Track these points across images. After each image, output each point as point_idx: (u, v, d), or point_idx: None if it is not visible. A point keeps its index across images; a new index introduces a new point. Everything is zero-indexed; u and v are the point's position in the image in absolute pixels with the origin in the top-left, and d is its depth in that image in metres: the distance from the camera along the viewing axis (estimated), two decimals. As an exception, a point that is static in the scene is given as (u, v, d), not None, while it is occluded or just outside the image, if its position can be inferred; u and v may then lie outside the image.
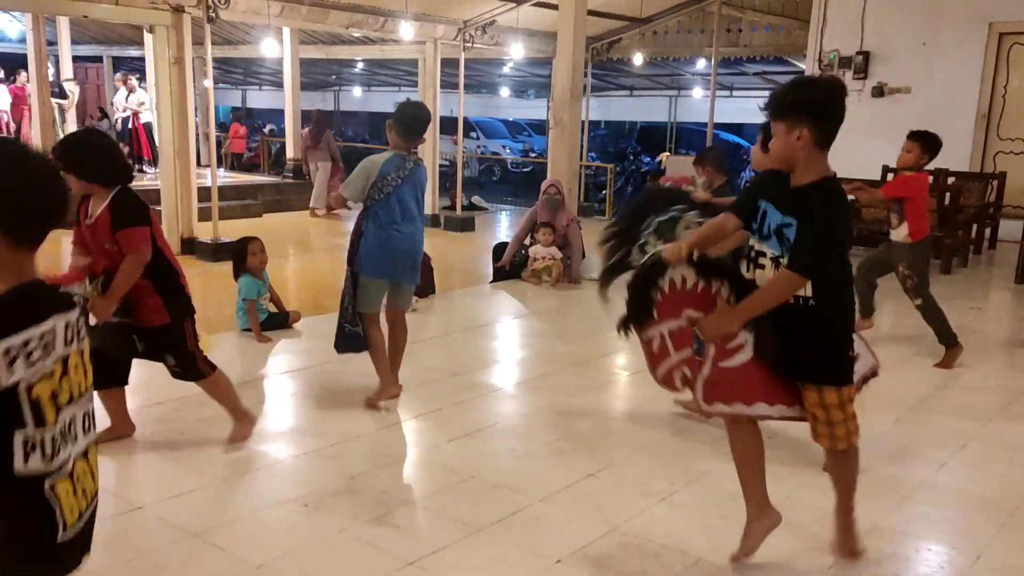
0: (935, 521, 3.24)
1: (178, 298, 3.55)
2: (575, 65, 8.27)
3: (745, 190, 2.92)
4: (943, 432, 4.14)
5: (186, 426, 3.89)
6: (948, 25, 9.56)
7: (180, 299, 3.56)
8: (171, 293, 3.52)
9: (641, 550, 2.93)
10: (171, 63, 8.88)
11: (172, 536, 2.91)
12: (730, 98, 20.63)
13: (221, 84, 25.30)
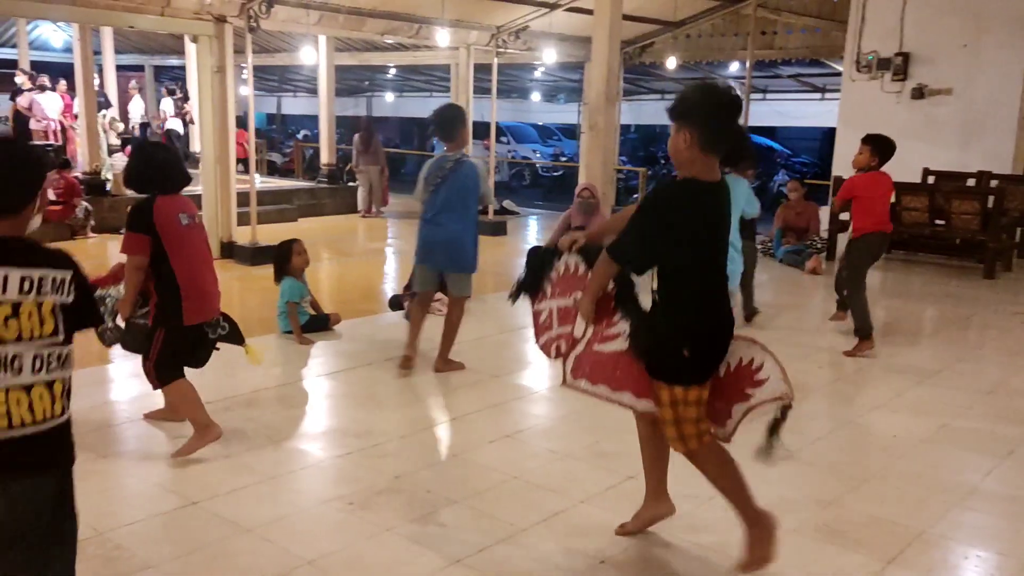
0: (983, 528, 3.21)
1: (165, 308, 3.59)
2: (610, 69, 8.28)
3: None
4: (990, 438, 4.10)
5: (236, 425, 3.97)
6: (990, 27, 9.42)
7: (166, 309, 3.59)
8: (163, 302, 3.60)
9: (686, 553, 2.94)
10: (213, 72, 9.05)
11: (227, 531, 2.98)
12: (764, 101, 20.48)
13: (257, 91, 25.62)
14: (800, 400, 4.56)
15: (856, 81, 10.29)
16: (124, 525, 3.00)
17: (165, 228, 3.55)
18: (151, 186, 3.67)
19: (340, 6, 10.33)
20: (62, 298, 1.98)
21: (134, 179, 3.76)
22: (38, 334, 1.94)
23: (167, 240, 3.54)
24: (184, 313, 3.57)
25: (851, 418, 4.32)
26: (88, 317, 2.10)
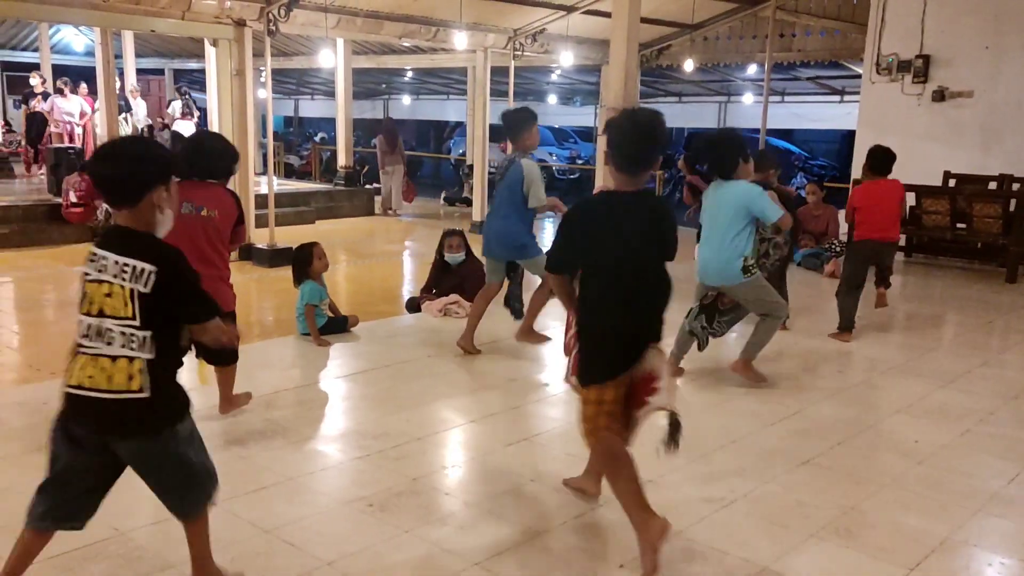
0: (1007, 534, 3.17)
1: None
2: (628, 72, 8.26)
3: None
4: (1014, 444, 4.05)
5: (254, 426, 3.99)
6: (1012, 28, 9.33)
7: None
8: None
9: (704, 557, 2.92)
10: (232, 75, 9.12)
11: (246, 532, 2.99)
12: (781, 103, 20.37)
13: (275, 95, 25.79)
14: (820, 404, 4.55)
15: (876, 83, 10.22)
16: (145, 525, 3.02)
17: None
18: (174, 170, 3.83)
19: (358, 10, 10.38)
20: (140, 287, 2.21)
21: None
22: (120, 315, 2.22)
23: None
24: None
25: (872, 423, 4.28)
26: (175, 311, 2.31)
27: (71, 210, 10.58)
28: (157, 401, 2.29)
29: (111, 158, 2.30)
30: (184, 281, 2.29)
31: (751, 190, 4.53)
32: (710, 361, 5.16)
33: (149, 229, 2.30)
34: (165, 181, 2.30)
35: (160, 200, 2.28)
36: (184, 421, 2.39)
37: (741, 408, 4.47)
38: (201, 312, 2.37)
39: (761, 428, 4.16)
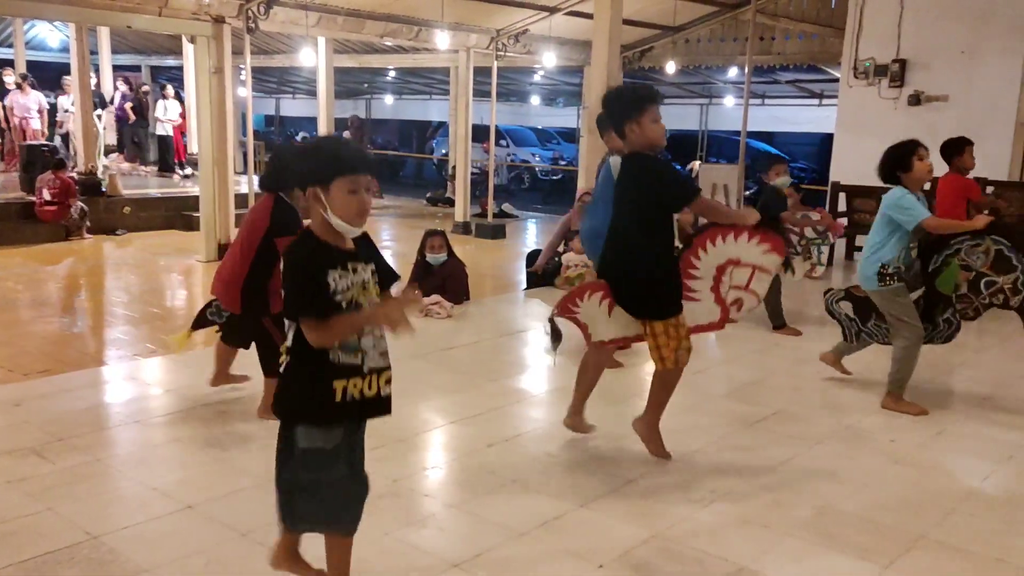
0: (981, 532, 3.20)
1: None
2: (610, 74, 8.28)
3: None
4: (987, 443, 4.10)
5: (232, 427, 3.95)
6: (988, 33, 9.44)
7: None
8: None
9: (683, 556, 2.93)
10: (211, 73, 9.04)
11: (222, 535, 2.96)
12: (762, 106, 20.50)
13: (255, 93, 25.61)
14: (797, 405, 4.57)
15: (853, 87, 10.31)
16: (118, 529, 2.99)
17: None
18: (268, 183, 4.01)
19: (339, 8, 10.34)
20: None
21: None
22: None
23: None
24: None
25: (849, 423, 4.32)
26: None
27: (44, 208, 10.45)
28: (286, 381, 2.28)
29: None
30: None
31: (891, 195, 4.32)
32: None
33: (318, 227, 2.22)
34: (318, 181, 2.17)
35: (310, 198, 2.20)
36: (303, 427, 2.26)
37: (720, 409, 4.49)
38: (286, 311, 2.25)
39: (741, 429, 4.19)
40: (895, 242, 4.29)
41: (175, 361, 5.19)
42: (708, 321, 3.64)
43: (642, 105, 3.38)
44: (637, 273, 3.53)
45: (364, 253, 2.27)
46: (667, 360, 3.54)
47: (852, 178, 9.67)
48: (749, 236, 3.52)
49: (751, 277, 3.55)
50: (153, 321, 6.98)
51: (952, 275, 4.53)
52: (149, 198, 12.35)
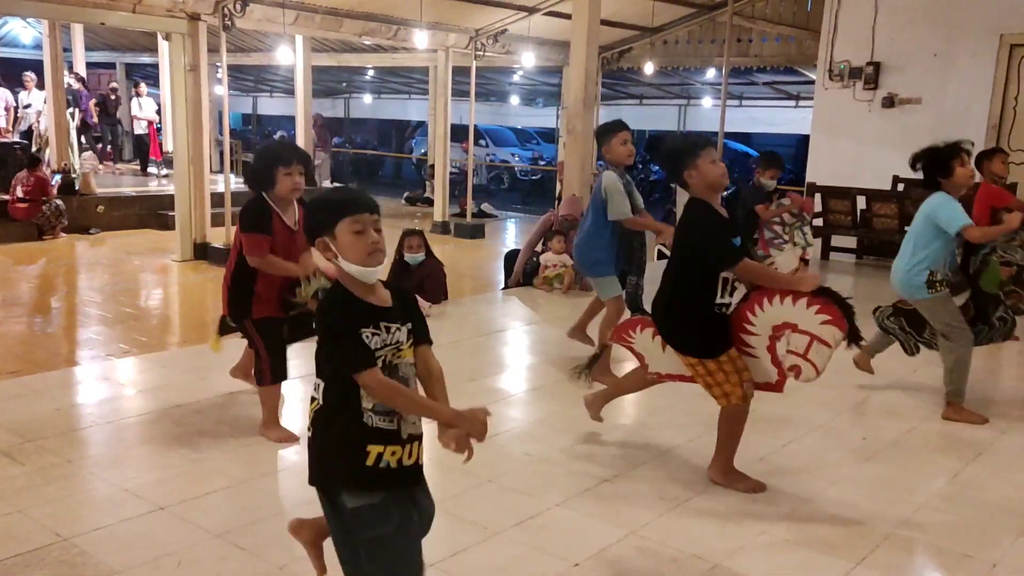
0: (951, 528, 3.24)
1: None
2: (588, 74, 8.32)
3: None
4: (957, 441, 4.15)
5: (206, 428, 3.92)
6: (959, 36, 9.57)
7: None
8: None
9: (659, 555, 2.95)
10: (186, 70, 8.97)
11: (195, 537, 2.94)
12: (740, 107, 20.66)
13: (232, 91, 25.44)
14: (769, 404, 4.60)
15: (829, 89, 10.42)
16: (89, 531, 2.96)
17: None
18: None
19: (317, 6, 10.29)
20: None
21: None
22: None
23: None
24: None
25: (821, 422, 4.36)
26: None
27: (16, 206, 10.31)
28: (312, 447, 2.13)
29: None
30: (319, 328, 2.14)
31: (934, 201, 4.25)
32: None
33: (347, 281, 2.10)
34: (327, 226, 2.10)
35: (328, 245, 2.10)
36: (351, 495, 2.07)
37: (696, 408, 4.50)
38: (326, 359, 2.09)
39: (714, 429, 4.21)
40: (940, 248, 4.22)
41: (149, 361, 5.15)
42: (765, 381, 3.43)
43: (696, 150, 3.33)
44: (675, 317, 3.43)
45: (400, 311, 2.13)
46: (732, 395, 3.35)
47: (828, 179, 9.77)
48: (808, 303, 3.21)
49: (809, 345, 3.24)
50: (127, 321, 6.91)
51: (994, 273, 4.52)
52: (123, 197, 12.23)
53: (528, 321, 6.74)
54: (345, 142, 27.75)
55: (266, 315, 3.75)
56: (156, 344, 6.23)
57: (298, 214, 3.76)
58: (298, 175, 3.64)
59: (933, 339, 4.57)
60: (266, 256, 3.64)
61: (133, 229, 11.60)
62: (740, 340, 3.38)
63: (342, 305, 2.06)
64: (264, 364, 3.76)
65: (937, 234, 4.21)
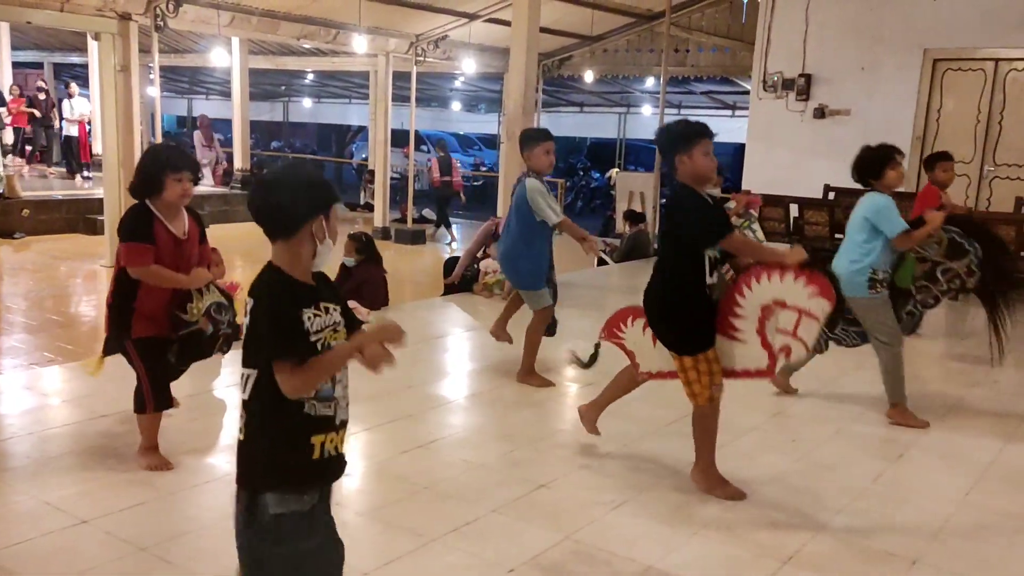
0: (876, 525, 3.35)
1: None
2: (527, 81, 8.36)
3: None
4: (882, 442, 4.29)
5: (133, 439, 3.80)
6: (885, 51, 9.92)
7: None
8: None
9: (593, 558, 2.97)
10: (116, 71, 8.73)
11: (119, 551, 2.85)
12: (678, 116, 21.00)
13: (166, 92, 24.85)
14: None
15: (763, 100, 10.68)
16: (9, 546, 2.85)
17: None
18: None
19: (253, 8, 10.13)
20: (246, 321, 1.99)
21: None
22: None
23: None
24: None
25: (753, 425, 4.46)
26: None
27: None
28: (245, 448, 2.01)
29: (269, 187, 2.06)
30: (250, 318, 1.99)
31: (874, 201, 4.29)
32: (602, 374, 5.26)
33: (293, 264, 2.00)
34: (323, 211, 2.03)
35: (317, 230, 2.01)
36: (278, 497, 1.95)
37: (631, 412, 4.56)
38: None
39: (650, 432, 4.27)
40: (883, 247, 4.27)
41: (74, 370, 4.98)
42: (756, 368, 3.39)
43: (694, 138, 3.31)
44: (667, 304, 3.42)
45: (329, 293, 2.08)
46: (699, 396, 3.38)
47: (763, 187, 9.99)
48: (795, 276, 3.20)
49: (797, 322, 3.21)
50: (52, 329, 6.69)
51: (910, 269, 4.61)
52: (50, 200, 11.84)
53: (467, 327, 6.74)
54: (284, 146, 27.35)
55: (150, 335, 3.47)
56: (83, 352, 6.04)
57: (187, 223, 3.54)
58: (188, 181, 3.44)
59: (844, 335, 4.63)
60: (149, 265, 3.37)
61: (60, 234, 11.23)
62: (730, 325, 3.35)
63: (286, 287, 1.97)
64: (146, 389, 3.47)
65: (878, 234, 4.26)
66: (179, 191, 3.42)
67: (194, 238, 3.61)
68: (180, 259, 3.51)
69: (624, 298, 7.89)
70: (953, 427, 4.52)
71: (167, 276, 3.44)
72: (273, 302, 1.95)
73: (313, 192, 2.02)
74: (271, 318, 1.93)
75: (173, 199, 3.44)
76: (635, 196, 13.15)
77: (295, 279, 1.99)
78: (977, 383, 5.44)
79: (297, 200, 1.99)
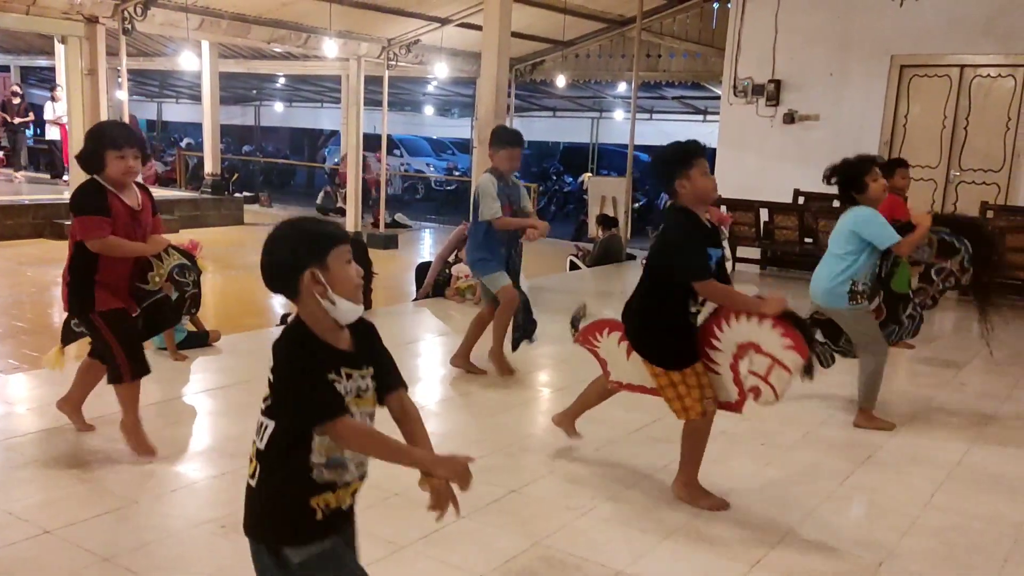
0: (842, 528, 3.38)
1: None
2: (499, 86, 8.38)
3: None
4: (848, 445, 4.33)
5: (98, 447, 3.75)
6: (853, 57, 10.07)
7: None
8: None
9: (564, 564, 2.97)
10: (84, 74, 8.62)
11: (83, 561, 2.80)
12: (650, 121, 21.16)
13: (136, 96, 24.56)
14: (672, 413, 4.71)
15: (733, 105, 10.79)
16: (-32, 558, 2.79)
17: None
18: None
19: (223, 12, 10.05)
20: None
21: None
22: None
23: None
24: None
25: (723, 429, 4.46)
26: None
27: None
28: (256, 497, 1.94)
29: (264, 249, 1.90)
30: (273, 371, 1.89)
31: (860, 213, 4.27)
32: (575, 379, 5.27)
33: (313, 320, 1.87)
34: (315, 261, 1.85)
35: (310, 285, 1.85)
36: (297, 550, 1.91)
37: (603, 416, 4.57)
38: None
39: (622, 436, 4.29)
40: (866, 259, 4.27)
41: (40, 377, 4.89)
42: (725, 400, 3.40)
43: (690, 160, 3.26)
44: (647, 321, 3.40)
45: (365, 352, 1.96)
46: (691, 410, 3.34)
47: (733, 192, 10.09)
48: (773, 325, 3.17)
49: (770, 369, 3.19)
50: (18, 336, 6.58)
51: (905, 274, 4.66)
52: (16, 205, 11.64)
53: (439, 332, 6.72)
54: (256, 150, 27.14)
55: (114, 307, 3.44)
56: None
57: (140, 196, 3.51)
58: (132, 159, 3.37)
59: (849, 347, 4.63)
60: (107, 237, 3.32)
61: (27, 239, 11.05)
62: (706, 355, 3.36)
63: (306, 345, 1.85)
64: (120, 359, 3.44)
65: (862, 247, 4.25)
66: (122, 168, 3.37)
67: (147, 207, 3.58)
68: (136, 229, 3.47)
69: (597, 302, 7.94)
70: (919, 430, 4.58)
71: (126, 246, 3.41)
72: (298, 362, 1.85)
73: (299, 244, 1.87)
74: (299, 379, 1.84)
75: (116, 175, 3.39)
76: (608, 201, 13.21)
77: (317, 337, 1.87)
78: (943, 385, 5.52)
79: (283, 255, 1.86)
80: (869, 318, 4.44)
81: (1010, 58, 9.37)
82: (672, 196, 3.35)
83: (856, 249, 4.27)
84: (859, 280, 4.29)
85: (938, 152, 9.92)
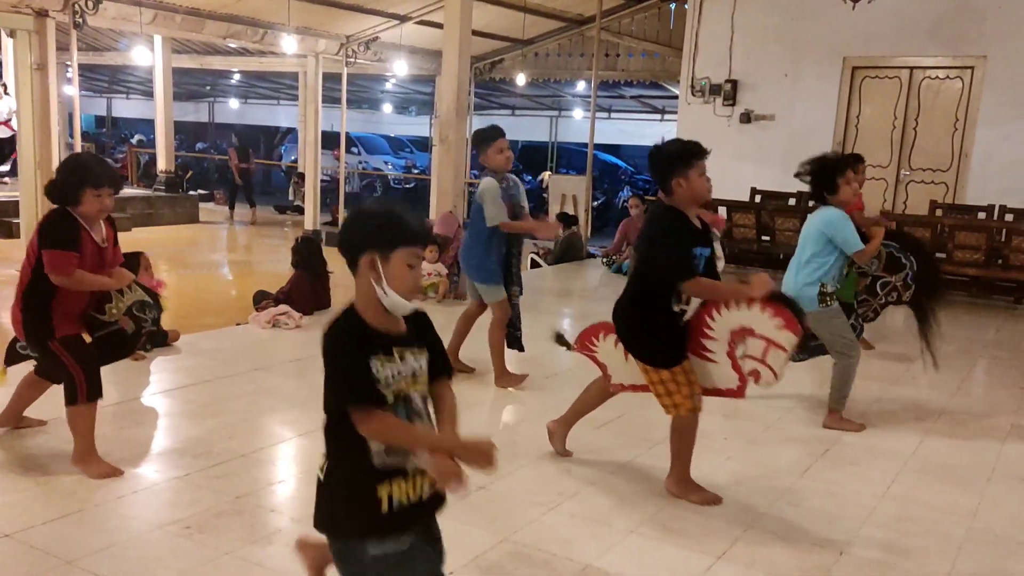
0: (802, 520, 3.45)
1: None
2: (460, 84, 8.37)
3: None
4: (809, 439, 4.43)
5: (57, 448, 3.67)
6: (807, 58, 10.27)
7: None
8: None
9: (531, 559, 2.99)
10: (33, 69, 8.39)
11: (45, 564, 2.74)
12: (609, 120, 21.32)
13: (85, 92, 23.99)
14: (641, 408, 4.76)
15: (691, 104, 10.93)
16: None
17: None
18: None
19: (177, 6, 9.87)
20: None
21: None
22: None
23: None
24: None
25: (687, 423, 4.54)
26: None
27: None
28: (325, 491, 1.99)
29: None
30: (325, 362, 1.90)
31: (829, 215, 4.27)
32: (548, 369, 5.30)
33: (364, 301, 1.91)
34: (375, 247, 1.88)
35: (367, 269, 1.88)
36: (375, 543, 1.92)
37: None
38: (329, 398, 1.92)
39: (588, 432, 4.31)
40: (835, 262, 4.28)
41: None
42: (726, 387, 3.42)
43: (691, 160, 3.26)
44: (635, 320, 3.42)
45: (418, 337, 2.00)
46: (681, 407, 3.35)
47: (690, 190, 10.24)
48: (762, 307, 3.21)
49: (766, 351, 3.23)
50: (-35, 337, 6.36)
51: (852, 283, 4.70)
52: (-40, 203, 11.29)
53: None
54: (210, 148, 26.70)
55: (72, 333, 3.43)
56: (-1, 362, 5.77)
57: (105, 230, 3.50)
58: (108, 197, 3.38)
59: (819, 349, 4.62)
60: (74, 274, 3.31)
61: (-28, 238, 10.73)
62: (701, 345, 3.37)
63: (354, 334, 1.88)
64: (79, 379, 3.38)
65: (831, 249, 4.26)
66: (98, 206, 3.38)
67: (111, 241, 3.57)
68: (102, 263, 3.46)
69: (558, 300, 7.99)
70: (875, 423, 4.69)
71: (91, 280, 3.39)
72: (336, 346, 1.88)
73: (373, 226, 1.90)
74: (335, 363, 1.87)
75: (91, 213, 3.39)
76: (567, 199, 13.26)
77: (366, 322, 1.90)
78: (897, 380, 5.67)
79: (355, 230, 1.91)
80: (839, 319, 4.45)
81: (957, 60, 9.64)
82: (667, 193, 3.34)
83: (825, 251, 4.29)
84: (828, 282, 4.32)
85: (889, 152, 10.17)
